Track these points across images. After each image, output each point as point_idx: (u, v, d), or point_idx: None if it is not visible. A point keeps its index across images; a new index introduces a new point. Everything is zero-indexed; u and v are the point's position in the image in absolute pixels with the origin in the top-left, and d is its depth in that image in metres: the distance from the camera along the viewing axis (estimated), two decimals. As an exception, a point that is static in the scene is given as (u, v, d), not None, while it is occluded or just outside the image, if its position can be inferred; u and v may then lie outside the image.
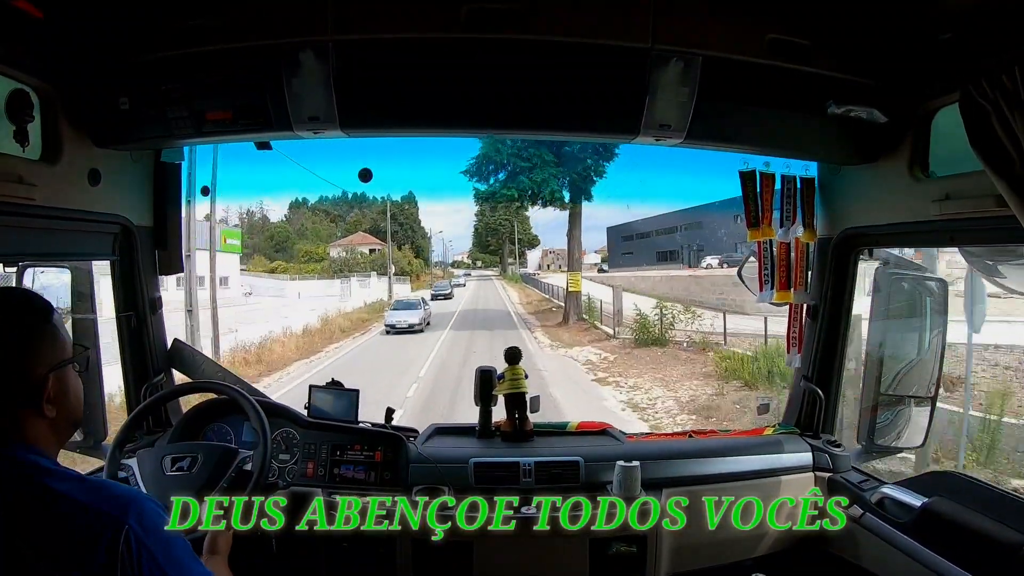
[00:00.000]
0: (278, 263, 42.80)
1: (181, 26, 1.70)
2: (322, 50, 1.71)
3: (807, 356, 2.46)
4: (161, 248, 2.36)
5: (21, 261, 1.94)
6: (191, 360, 2.51)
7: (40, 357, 1.04)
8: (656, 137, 1.91)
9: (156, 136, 1.97)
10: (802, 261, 2.39)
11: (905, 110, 1.93)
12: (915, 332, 2.35)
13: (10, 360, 1.01)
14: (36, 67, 1.73)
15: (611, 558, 2.13)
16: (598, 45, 1.75)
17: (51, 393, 1.04)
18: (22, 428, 1.01)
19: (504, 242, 51.79)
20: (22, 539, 0.92)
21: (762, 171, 2.29)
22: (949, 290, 2.32)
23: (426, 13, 1.68)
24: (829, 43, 1.78)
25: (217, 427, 2.28)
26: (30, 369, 1.02)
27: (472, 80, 1.81)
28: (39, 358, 1.04)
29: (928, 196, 1.86)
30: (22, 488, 0.95)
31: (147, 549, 0.96)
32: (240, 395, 1.99)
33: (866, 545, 2.08)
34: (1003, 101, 1.40)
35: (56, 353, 1.06)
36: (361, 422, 2.34)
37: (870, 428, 2.33)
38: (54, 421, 1.05)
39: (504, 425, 2.40)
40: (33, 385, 1.02)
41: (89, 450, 2.28)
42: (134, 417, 2.00)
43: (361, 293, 32.38)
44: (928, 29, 1.58)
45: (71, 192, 1.91)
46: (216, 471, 1.80)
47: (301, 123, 1.82)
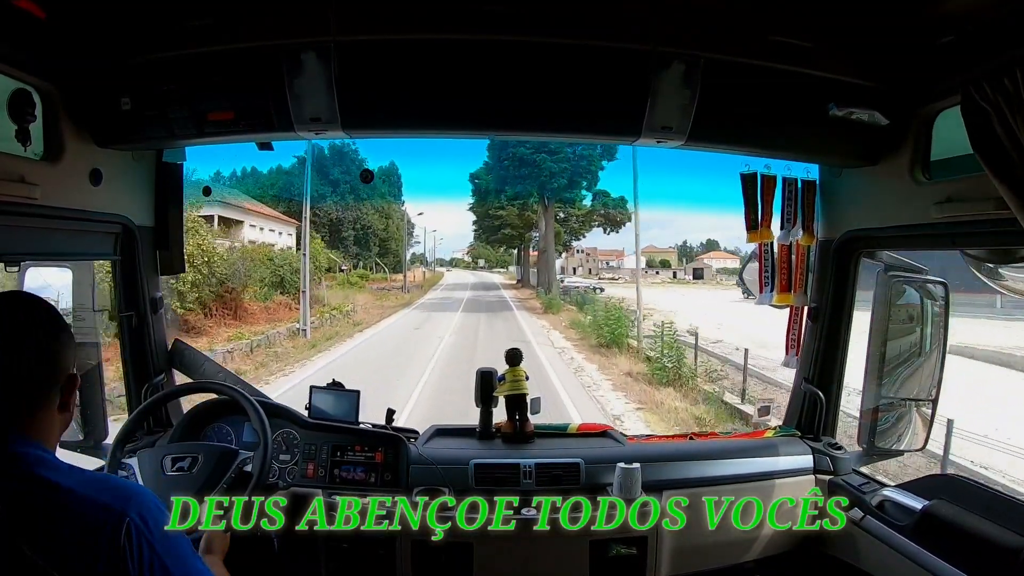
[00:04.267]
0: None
1: (183, 26, 1.71)
2: (324, 51, 1.72)
3: (808, 358, 2.46)
4: (162, 248, 2.36)
5: (23, 260, 1.94)
6: (192, 360, 2.51)
7: (69, 358, 1.08)
8: (658, 139, 1.91)
9: (158, 136, 1.97)
10: (802, 263, 2.39)
11: (906, 112, 1.93)
12: (916, 335, 2.35)
13: (45, 360, 1.03)
14: (38, 67, 1.73)
15: (611, 560, 2.12)
16: (600, 47, 1.75)
17: (74, 391, 1.08)
18: (31, 424, 1.01)
19: (529, 235, 33.17)
20: (23, 532, 0.92)
21: (763, 173, 2.29)
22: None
23: (428, 14, 1.69)
24: (831, 45, 1.78)
25: (218, 427, 2.27)
26: (62, 369, 1.05)
27: (474, 82, 1.81)
28: (69, 359, 1.07)
29: (929, 198, 1.86)
30: (23, 481, 0.95)
31: (148, 542, 0.96)
32: (241, 395, 1.99)
33: (867, 548, 2.07)
34: (1004, 103, 1.40)
35: (74, 355, 1.10)
36: (361, 423, 2.34)
37: (871, 431, 2.33)
38: (63, 418, 1.08)
39: (505, 426, 2.40)
40: (62, 385, 1.05)
41: (89, 450, 2.28)
42: (135, 417, 2.00)
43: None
44: (929, 31, 1.58)
45: (73, 192, 1.91)
46: (216, 472, 1.80)
47: (303, 124, 1.83)
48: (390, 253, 35.64)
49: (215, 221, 21.40)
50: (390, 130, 2.06)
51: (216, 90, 1.84)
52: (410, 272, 38.41)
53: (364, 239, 33.45)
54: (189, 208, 13.71)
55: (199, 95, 1.84)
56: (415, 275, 38.58)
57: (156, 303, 2.39)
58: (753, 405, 8.01)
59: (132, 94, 1.85)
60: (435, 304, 28.13)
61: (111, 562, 0.94)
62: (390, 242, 35.62)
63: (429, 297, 32.01)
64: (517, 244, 35.99)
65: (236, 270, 17.29)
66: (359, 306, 24.11)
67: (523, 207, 30.12)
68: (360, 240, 33.32)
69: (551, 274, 29.85)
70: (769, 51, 1.77)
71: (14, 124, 1.67)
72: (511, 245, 37.12)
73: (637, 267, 25.42)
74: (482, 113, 1.90)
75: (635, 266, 26.56)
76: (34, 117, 1.72)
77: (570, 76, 1.79)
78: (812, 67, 1.82)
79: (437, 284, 40.17)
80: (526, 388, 2.39)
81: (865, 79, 1.87)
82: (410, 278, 36.22)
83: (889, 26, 1.62)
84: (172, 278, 11.28)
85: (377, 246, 34.59)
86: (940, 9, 1.50)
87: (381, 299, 27.72)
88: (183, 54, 1.78)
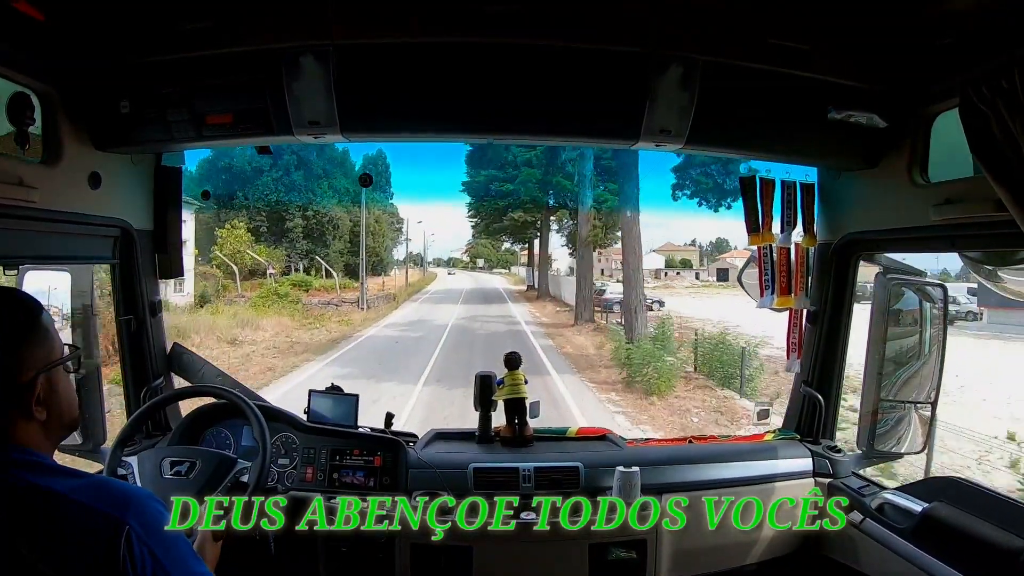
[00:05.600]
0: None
1: (182, 29, 1.70)
2: (323, 54, 1.72)
3: (807, 361, 2.46)
4: (161, 252, 2.36)
5: (21, 264, 1.94)
6: (190, 364, 2.50)
7: (28, 358, 1.01)
8: (656, 142, 1.92)
9: (156, 139, 1.97)
10: (802, 266, 2.39)
11: (905, 115, 1.94)
12: (915, 337, 2.35)
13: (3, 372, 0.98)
14: (37, 70, 1.74)
15: (611, 564, 2.12)
16: (598, 50, 1.75)
17: (41, 395, 1.01)
18: (12, 430, 0.99)
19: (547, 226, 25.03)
20: (22, 541, 0.91)
21: (762, 176, 2.30)
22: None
23: (426, 18, 1.69)
24: (829, 48, 1.78)
25: (216, 431, 2.27)
26: (18, 370, 0.99)
27: (472, 85, 1.81)
28: (27, 359, 1.01)
29: (928, 201, 1.86)
30: (19, 489, 0.94)
31: (149, 548, 0.96)
32: (240, 400, 1.98)
33: (866, 550, 2.07)
34: (1003, 106, 1.40)
35: (46, 354, 1.04)
36: (360, 427, 2.33)
37: (870, 433, 2.33)
38: (45, 423, 1.02)
39: (504, 430, 2.39)
40: (21, 386, 0.99)
41: (88, 453, 2.27)
42: (134, 420, 1.99)
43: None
44: (928, 34, 1.58)
45: (71, 195, 1.91)
46: (213, 479, 1.79)
47: (302, 127, 1.83)
48: (364, 251, 26.81)
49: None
50: (389, 134, 2.06)
51: (215, 93, 1.84)
52: (390, 277, 31.22)
53: (318, 232, 25.39)
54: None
55: (198, 98, 1.84)
56: (390, 282, 30.19)
57: (155, 307, 2.39)
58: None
59: (131, 97, 1.86)
60: (388, 345, 16.42)
61: (111, 570, 0.93)
62: (369, 237, 27.34)
63: (395, 318, 21.26)
64: (530, 235, 26.66)
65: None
66: (258, 344, 15.65)
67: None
68: (313, 233, 25.37)
69: (587, 280, 19.47)
70: (768, 54, 1.77)
71: (13, 127, 1.67)
72: (521, 237, 28.19)
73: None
74: (480, 116, 1.90)
75: (654, 266, 20.13)
76: (33, 120, 1.72)
77: (569, 79, 1.80)
78: (810, 70, 1.83)
79: (418, 293, 30.95)
80: (525, 392, 2.39)
81: (863, 81, 1.88)
82: (388, 284, 28.78)
83: (887, 28, 1.63)
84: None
85: (341, 240, 26.59)
86: (938, 11, 1.50)
87: (312, 324, 18.43)
88: (182, 57, 1.78)
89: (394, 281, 30.76)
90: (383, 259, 30.88)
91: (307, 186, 23.12)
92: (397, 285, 29.88)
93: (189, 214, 15.33)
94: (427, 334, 17.61)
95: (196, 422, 2.28)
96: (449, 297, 29.14)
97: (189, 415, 2.30)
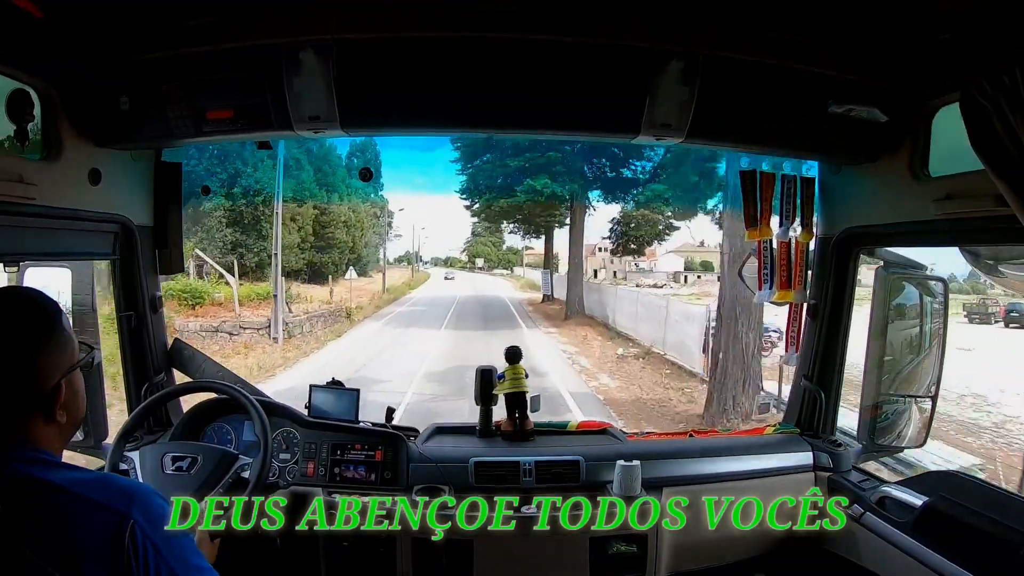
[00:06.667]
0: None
1: (182, 25, 1.70)
2: (324, 49, 1.71)
3: (807, 356, 2.46)
4: (161, 248, 2.36)
5: (21, 261, 1.94)
6: (191, 360, 2.51)
7: (53, 365, 1.00)
8: (657, 136, 1.91)
9: (156, 136, 1.97)
10: (802, 260, 2.39)
11: (906, 109, 1.93)
12: (915, 331, 2.35)
13: (22, 368, 0.98)
14: (37, 67, 1.73)
15: (611, 558, 2.12)
16: (599, 45, 1.75)
17: (64, 399, 1.01)
18: (29, 432, 0.99)
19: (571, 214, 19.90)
20: (26, 536, 0.92)
21: (762, 170, 2.29)
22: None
23: (427, 13, 1.68)
24: (830, 42, 1.78)
25: (217, 426, 2.27)
26: (44, 378, 0.99)
27: (473, 80, 1.81)
28: (52, 365, 1.00)
29: (928, 195, 1.86)
30: (25, 485, 0.95)
31: (153, 543, 0.96)
32: (241, 395, 1.99)
33: (867, 545, 2.08)
34: (1004, 100, 1.40)
35: (68, 358, 1.03)
36: (361, 421, 2.34)
37: (871, 428, 2.33)
38: (63, 425, 1.03)
39: (504, 424, 2.40)
40: (46, 394, 0.99)
41: (90, 449, 2.27)
42: (135, 416, 2.00)
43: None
44: (929, 28, 1.57)
45: (71, 191, 1.91)
46: (214, 475, 1.79)
47: (302, 122, 1.83)
48: (338, 248, 22.82)
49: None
50: (390, 128, 2.06)
51: (215, 89, 1.84)
52: (369, 279, 26.23)
53: (253, 222, 19.79)
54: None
55: (198, 94, 1.84)
56: (365, 286, 24.51)
57: (156, 302, 2.39)
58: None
59: (131, 93, 1.86)
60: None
61: (116, 565, 0.94)
62: (340, 230, 22.85)
63: (320, 360, 13.53)
64: (551, 221, 21.34)
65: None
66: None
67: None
68: (247, 223, 19.86)
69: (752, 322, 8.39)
70: (768, 48, 1.77)
71: (12, 124, 1.67)
72: (537, 224, 22.34)
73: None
74: (481, 111, 1.90)
75: (672, 268, 16.33)
76: (32, 117, 1.72)
77: (569, 73, 1.80)
78: (811, 64, 1.82)
79: (394, 303, 24.05)
80: (526, 386, 2.39)
81: (864, 76, 1.87)
82: (361, 289, 23.17)
83: (889, 23, 1.62)
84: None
85: (301, 231, 21.47)
86: (940, 6, 1.49)
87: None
88: (182, 53, 1.78)
89: (370, 286, 25.25)
90: (361, 257, 26.00)
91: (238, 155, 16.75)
92: (372, 291, 24.17)
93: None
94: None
95: (197, 417, 2.28)
96: (432, 312, 21.31)
97: (190, 411, 2.30)
